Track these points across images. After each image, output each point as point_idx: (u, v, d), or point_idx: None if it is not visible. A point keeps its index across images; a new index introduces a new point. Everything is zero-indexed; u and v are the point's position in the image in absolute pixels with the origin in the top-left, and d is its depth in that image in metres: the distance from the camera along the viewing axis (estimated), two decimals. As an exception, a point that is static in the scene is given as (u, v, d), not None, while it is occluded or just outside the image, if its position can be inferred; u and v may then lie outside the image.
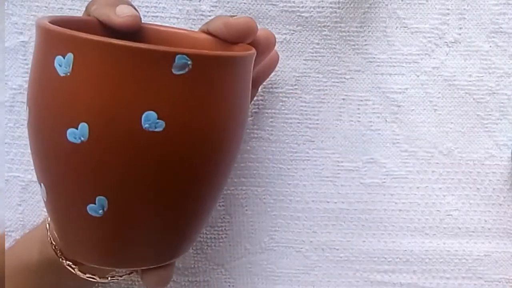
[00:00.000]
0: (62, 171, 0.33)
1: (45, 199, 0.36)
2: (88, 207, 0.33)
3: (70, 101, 0.32)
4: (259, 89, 0.49)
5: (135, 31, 0.37)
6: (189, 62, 0.31)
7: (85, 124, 0.31)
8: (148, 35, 0.41)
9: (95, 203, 0.33)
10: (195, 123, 0.32)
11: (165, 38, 0.41)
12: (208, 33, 0.41)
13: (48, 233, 0.43)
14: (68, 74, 0.31)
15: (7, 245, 0.50)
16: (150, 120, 0.31)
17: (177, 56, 0.31)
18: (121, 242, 0.35)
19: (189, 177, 0.34)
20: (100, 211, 0.33)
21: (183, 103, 0.32)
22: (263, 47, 0.41)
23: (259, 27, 0.49)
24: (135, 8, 0.38)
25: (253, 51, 0.38)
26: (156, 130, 0.31)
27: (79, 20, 0.38)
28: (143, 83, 0.31)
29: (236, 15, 0.40)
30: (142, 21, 0.40)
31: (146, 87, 0.31)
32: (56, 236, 0.38)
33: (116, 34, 0.37)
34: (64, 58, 0.31)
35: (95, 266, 0.37)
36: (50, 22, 0.33)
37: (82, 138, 0.31)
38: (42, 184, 0.35)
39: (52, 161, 0.34)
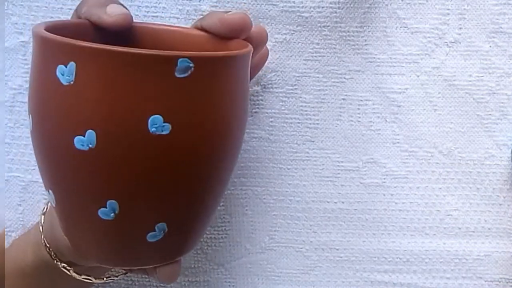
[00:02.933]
0: (72, 178, 0.33)
1: (54, 205, 0.36)
2: (99, 211, 0.33)
3: (75, 110, 0.32)
4: (258, 87, 0.49)
5: (127, 30, 0.37)
6: (191, 65, 0.31)
7: (92, 131, 0.31)
8: (141, 33, 0.41)
9: (106, 207, 0.33)
10: (200, 124, 0.33)
11: (159, 36, 0.41)
12: (202, 29, 0.41)
13: (42, 236, 0.43)
14: (72, 82, 0.31)
15: (6, 245, 0.50)
16: (157, 124, 0.31)
17: (179, 60, 0.31)
18: (132, 243, 0.35)
19: (196, 177, 0.34)
20: (112, 214, 0.33)
21: (188, 105, 0.32)
22: (256, 42, 0.41)
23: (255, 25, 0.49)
24: (125, 7, 0.38)
25: (250, 47, 0.38)
26: (163, 133, 0.32)
27: (73, 24, 0.38)
28: (147, 88, 0.31)
29: (230, 11, 0.40)
30: (136, 20, 0.40)
31: (150, 92, 0.31)
32: (67, 240, 0.38)
33: (109, 34, 0.37)
34: (66, 67, 0.32)
35: (108, 267, 0.37)
36: (46, 29, 0.33)
37: (90, 145, 0.32)
38: (50, 191, 0.35)
39: (61, 169, 0.34)
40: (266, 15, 0.48)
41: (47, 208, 0.45)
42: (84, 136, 0.31)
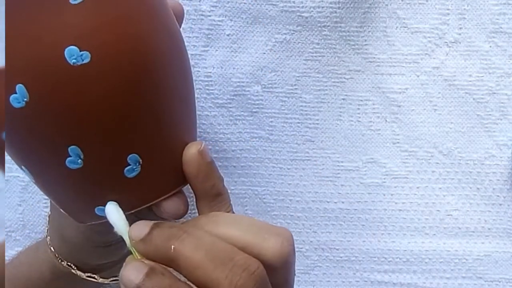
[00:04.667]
0: (28, 138, 0.33)
1: (33, 180, 0.35)
2: (66, 162, 0.33)
3: (3, 72, 0.32)
4: (258, 87, 0.49)
5: None
6: None
7: (21, 85, 0.31)
8: None
9: (70, 155, 0.33)
10: (118, 45, 0.32)
11: None
12: None
13: (48, 237, 0.44)
14: None
15: (7, 244, 0.50)
16: (74, 54, 0.31)
17: None
18: (113, 185, 0.34)
19: (138, 98, 0.33)
20: (79, 160, 0.33)
21: (96, 29, 0.31)
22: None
23: (259, 27, 0.49)
24: None
25: None
26: (84, 62, 0.31)
27: None
28: (48, 20, 0.31)
29: None
30: None
31: (53, 23, 0.31)
32: (62, 212, 0.38)
33: None
34: None
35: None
36: None
37: (25, 99, 0.31)
38: (22, 167, 0.35)
39: (15, 135, 0.33)
40: (266, 15, 0.48)
41: (49, 218, 0.45)
42: (16, 93, 0.31)
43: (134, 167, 0.34)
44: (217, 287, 0.31)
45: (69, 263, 0.43)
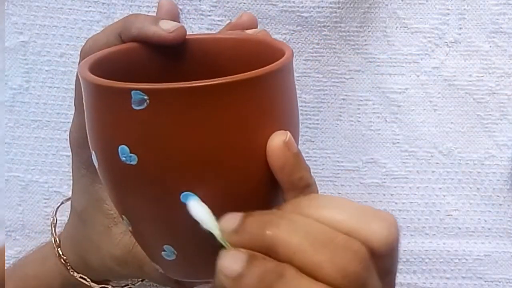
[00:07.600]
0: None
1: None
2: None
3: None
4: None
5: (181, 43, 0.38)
6: (145, 97, 0.31)
7: (93, 153, 0.34)
8: (192, 45, 0.40)
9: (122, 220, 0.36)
10: (168, 156, 0.32)
11: (208, 46, 0.40)
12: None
13: (57, 249, 0.44)
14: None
15: (7, 244, 0.50)
16: (125, 154, 0.32)
17: (133, 92, 0.31)
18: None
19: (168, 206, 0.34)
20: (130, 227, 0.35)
21: (150, 137, 0.32)
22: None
23: (259, 27, 0.49)
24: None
25: (268, 68, 0.34)
26: (132, 163, 0.32)
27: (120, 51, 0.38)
28: (112, 118, 0.32)
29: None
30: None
31: (115, 122, 0.32)
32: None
33: (160, 51, 0.38)
34: None
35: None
36: (91, 68, 0.34)
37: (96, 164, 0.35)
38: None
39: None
40: (266, 15, 0.48)
41: (56, 220, 0.46)
42: (91, 157, 0.35)
43: (169, 254, 0.35)
44: (320, 270, 0.29)
45: (83, 276, 0.44)
